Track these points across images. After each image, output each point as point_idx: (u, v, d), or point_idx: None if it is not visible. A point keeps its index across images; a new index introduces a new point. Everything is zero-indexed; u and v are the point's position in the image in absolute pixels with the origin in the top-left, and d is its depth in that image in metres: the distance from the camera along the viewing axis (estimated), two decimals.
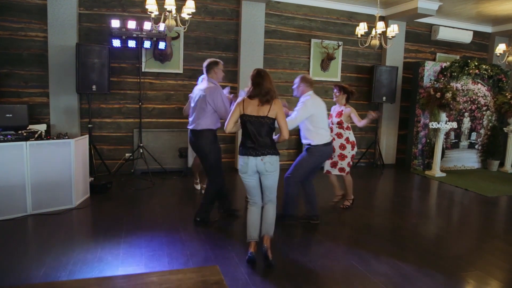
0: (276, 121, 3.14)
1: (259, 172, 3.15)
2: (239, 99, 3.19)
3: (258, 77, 3.09)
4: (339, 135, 4.62)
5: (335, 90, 4.67)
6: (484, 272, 3.15)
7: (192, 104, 4.02)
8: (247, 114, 3.09)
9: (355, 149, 4.67)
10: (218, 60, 4.01)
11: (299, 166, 4.01)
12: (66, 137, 4.33)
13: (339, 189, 4.89)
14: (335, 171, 4.69)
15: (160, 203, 4.76)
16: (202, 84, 4.00)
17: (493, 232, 4.26)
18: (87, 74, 5.44)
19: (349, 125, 4.68)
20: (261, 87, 3.05)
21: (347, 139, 4.61)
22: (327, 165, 4.72)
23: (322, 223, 4.20)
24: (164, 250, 3.33)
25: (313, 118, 3.87)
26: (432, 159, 7.17)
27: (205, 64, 3.95)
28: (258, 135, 3.08)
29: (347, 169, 4.64)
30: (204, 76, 4.00)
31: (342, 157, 4.61)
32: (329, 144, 4.04)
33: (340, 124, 4.61)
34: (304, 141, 4.08)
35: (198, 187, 5.39)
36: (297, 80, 4.00)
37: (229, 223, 4.15)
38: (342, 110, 4.63)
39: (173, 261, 3.14)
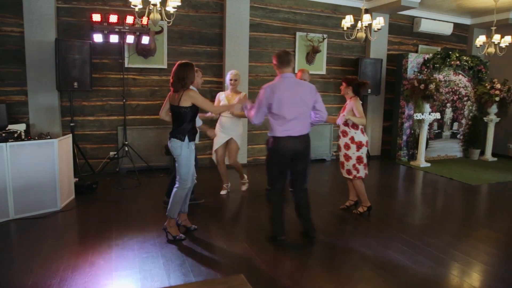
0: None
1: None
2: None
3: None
4: (344, 133, 4.21)
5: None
6: (476, 260, 3.21)
7: None
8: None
9: (362, 150, 4.15)
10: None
11: None
12: (49, 137, 4.16)
13: (353, 195, 4.42)
14: (344, 173, 4.29)
15: (149, 202, 4.64)
16: None
17: (481, 220, 4.36)
18: (67, 71, 5.22)
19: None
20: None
21: (351, 139, 4.14)
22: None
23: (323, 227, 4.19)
24: (158, 251, 3.25)
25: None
26: (417, 150, 7.30)
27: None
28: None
29: (354, 172, 4.17)
30: None
31: (347, 157, 4.20)
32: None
33: (345, 121, 4.15)
34: None
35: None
36: None
37: (220, 221, 4.09)
38: (346, 105, 4.24)
39: (168, 262, 3.06)
